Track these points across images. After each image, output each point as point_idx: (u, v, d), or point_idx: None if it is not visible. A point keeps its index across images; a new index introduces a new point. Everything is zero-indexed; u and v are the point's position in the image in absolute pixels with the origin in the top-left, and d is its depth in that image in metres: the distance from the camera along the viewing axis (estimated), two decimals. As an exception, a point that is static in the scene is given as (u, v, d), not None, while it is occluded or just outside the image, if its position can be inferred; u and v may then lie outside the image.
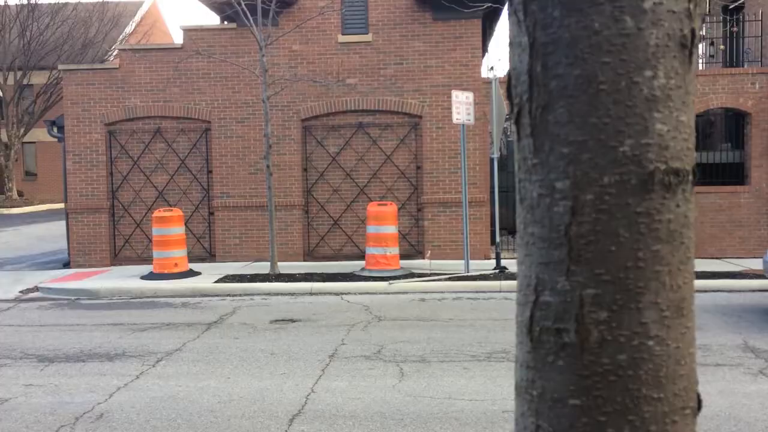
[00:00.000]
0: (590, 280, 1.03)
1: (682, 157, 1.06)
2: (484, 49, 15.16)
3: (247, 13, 10.55)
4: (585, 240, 1.04)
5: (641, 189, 1.03)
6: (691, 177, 1.07)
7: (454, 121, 10.53)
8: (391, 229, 10.70)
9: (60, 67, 12.99)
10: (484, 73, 12.84)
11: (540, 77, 1.06)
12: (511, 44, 1.12)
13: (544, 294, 1.07)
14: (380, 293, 9.69)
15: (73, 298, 10.04)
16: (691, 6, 1.05)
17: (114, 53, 28.30)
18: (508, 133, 14.34)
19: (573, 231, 1.04)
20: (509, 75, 1.13)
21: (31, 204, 29.59)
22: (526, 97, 1.09)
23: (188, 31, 12.43)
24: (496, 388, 5.41)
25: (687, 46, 1.05)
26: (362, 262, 11.19)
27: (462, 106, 10.51)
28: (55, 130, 12.99)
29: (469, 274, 10.41)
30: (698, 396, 1.10)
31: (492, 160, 11.16)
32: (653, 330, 1.04)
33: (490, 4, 11.36)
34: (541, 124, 1.07)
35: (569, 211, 1.05)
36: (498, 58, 53.16)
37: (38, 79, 28.48)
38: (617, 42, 1.02)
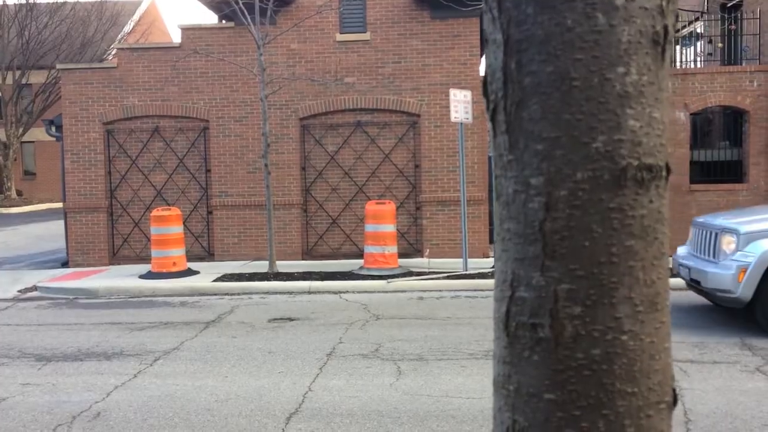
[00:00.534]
0: (564, 275, 1.04)
1: (655, 153, 1.06)
2: (482, 48, 15.16)
3: (245, 11, 10.55)
4: (559, 236, 1.04)
5: (614, 185, 1.04)
6: (664, 173, 1.07)
7: (453, 119, 10.54)
8: (390, 228, 10.71)
9: (58, 66, 12.99)
10: (482, 71, 12.82)
11: (514, 74, 1.07)
12: (486, 41, 1.12)
13: (520, 289, 1.08)
14: (378, 292, 9.69)
15: (71, 297, 10.04)
16: (664, 3, 1.05)
17: (112, 52, 28.30)
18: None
19: (547, 227, 1.05)
20: (485, 72, 1.14)
21: (30, 203, 29.59)
22: (501, 94, 1.09)
23: (186, 30, 12.43)
24: (493, 386, 5.41)
25: (660, 42, 1.05)
26: (361, 261, 11.19)
27: (460, 104, 10.51)
28: (54, 129, 12.99)
29: (467, 272, 10.42)
30: (674, 391, 1.11)
31: (490, 158, 11.15)
32: (627, 325, 1.04)
33: (487, 3, 11.34)
34: (516, 121, 1.07)
35: (543, 207, 1.05)
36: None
37: (37, 78, 28.47)
38: (590, 39, 1.03)
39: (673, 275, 7.93)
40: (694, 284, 7.46)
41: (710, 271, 7.10)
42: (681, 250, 8.13)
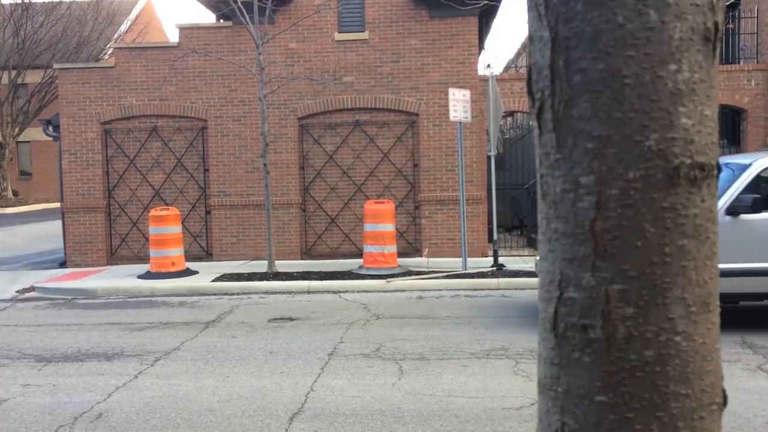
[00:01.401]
0: (616, 275, 1.03)
1: (707, 151, 1.05)
2: (481, 47, 15.15)
3: (243, 11, 10.52)
4: (610, 235, 1.03)
5: (667, 184, 1.03)
6: (715, 171, 1.06)
7: (451, 118, 10.53)
8: (389, 227, 10.70)
9: (55, 65, 12.94)
10: (481, 70, 12.83)
11: (562, 72, 1.06)
12: (531, 39, 1.11)
13: (569, 290, 1.06)
14: (378, 291, 9.68)
15: (69, 297, 10.00)
16: None
17: (109, 52, 28.20)
18: (505, 131, 14.35)
19: (598, 226, 1.03)
20: (529, 70, 1.12)
21: (26, 203, 29.48)
22: (548, 92, 1.08)
23: (184, 30, 12.40)
24: (495, 385, 5.41)
25: (711, 39, 1.04)
26: (360, 260, 11.18)
27: (459, 103, 10.51)
28: (51, 129, 12.94)
29: (466, 271, 10.41)
30: (723, 392, 1.10)
31: (489, 157, 11.16)
32: (680, 326, 1.03)
33: (486, 2, 11.35)
34: (564, 119, 1.06)
35: (594, 206, 1.04)
36: (495, 55, 53.08)
37: (33, 78, 28.36)
38: (641, 36, 1.02)
39: None
40: None
41: None
42: None
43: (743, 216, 6.85)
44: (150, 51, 12.57)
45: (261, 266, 11.26)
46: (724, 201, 6.87)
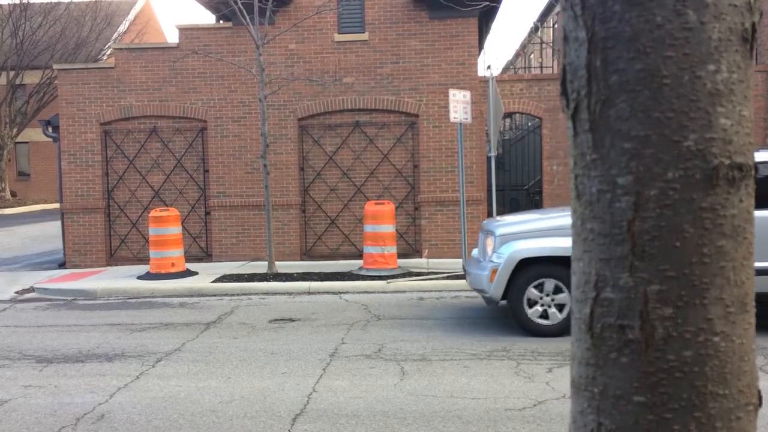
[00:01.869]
0: (655, 276, 1.03)
1: (745, 152, 1.05)
2: (481, 48, 15.17)
3: (244, 11, 10.52)
4: (649, 236, 1.03)
5: (706, 184, 1.03)
6: (753, 172, 1.06)
7: (452, 119, 10.53)
8: (389, 228, 10.70)
9: (55, 66, 12.92)
10: (481, 71, 12.85)
11: (600, 72, 1.06)
12: (566, 39, 1.11)
13: (606, 290, 1.06)
14: (378, 292, 9.68)
15: (69, 298, 9.99)
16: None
17: (107, 52, 28.19)
18: (504, 132, 14.36)
19: (636, 227, 1.04)
20: (564, 70, 1.12)
21: (24, 204, 29.44)
22: (584, 92, 1.08)
23: (184, 30, 12.39)
24: (498, 386, 5.41)
25: (748, 39, 1.05)
26: (359, 261, 11.17)
27: (459, 104, 10.51)
28: (50, 129, 12.92)
29: (466, 272, 10.41)
30: (759, 392, 1.10)
31: (489, 158, 11.16)
32: (718, 326, 1.03)
33: (487, 3, 11.36)
34: (601, 119, 1.06)
35: (632, 206, 1.04)
36: (495, 56, 53.14)
37: (31, 78, 28.34)
38: (680, 36, 1.02)
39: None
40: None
41: (473, 272, 7.46)
42: (473, 253, 8.33)
43: None
44: (150, 52, 12.56)
45: (261, 267, 11.25)
46: None
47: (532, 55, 27.79)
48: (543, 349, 6.47)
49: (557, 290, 7.02)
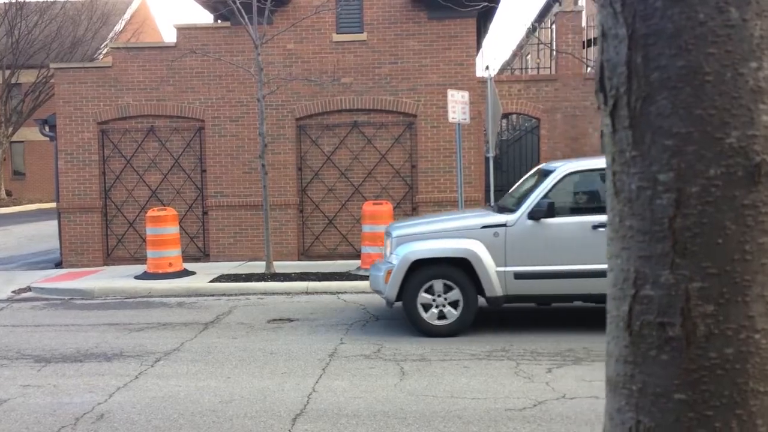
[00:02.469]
0: (696, 273, 1.03)
1: None
2: (479, 48, 15.18)
3: (242, 11, 10.50)
4: (690, 233, 1.03)
5: (748, 181, 1.03)
6: None
7: (450, 120, 10.54)
8: (387, 228, 10.69)
9: (52, 65, 12.88)
10: (479, 72, 12.86)
11: (640, 68, 1.06)
12: (603, 36, 1.11)
13: (645, 288, 1.06)
14: (376, 292, 9.66)
15: (66, 297, 9.96)
16: None
17: (104, 51, 28.12)
18: (501, 132, 14.37)
19: (678, 224, 1.04)
20: (601, 67, 1.12)
21: (20, 204, 29.35)
22: (623, 89, 1.08)
23: (182, 30, 12.37)
24: (497, 386, 5.42)
25: None
26: (357, 261, 11.17)
27: (458, 105, 10.52)
28: (47, 129, 12.88)
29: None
30: None
31: (487, 159, 11.17)
32: (760, 323, 1.03)
33: (485, 4, 11.37)
34: (642, 116, 1.06)
35: (673, 203, 1.04)
36: (493, 57, 53.14)
37: (27, 77, 28.24)
38: (722, 33, 1.02)
39: None
40: None
41: (372, 273, 7.54)
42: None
43: (544, 220, 7.01)
44: (147, 51, 12.53)
45: (259, 267, 11.24)
46: (527, 206, 7.07)
47: (528, 56, 27.82)
48: (542, 349, 6.48)
49: (448, 291, 7.08)
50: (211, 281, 10.22)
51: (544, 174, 7.42)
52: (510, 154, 13.92)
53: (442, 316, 7.07)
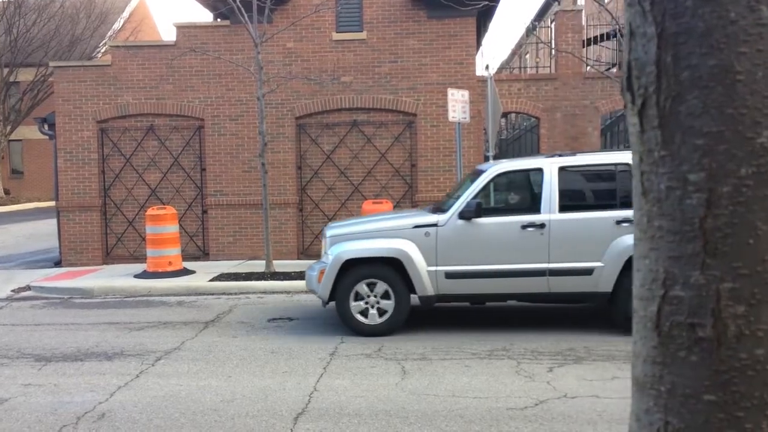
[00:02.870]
0: (727, 273, 1.02)
1: None
2: (478, 47, 15.18)
3: (242, 9, 10.49)
4: (721, 233, 1.03)
5: None
6: None
7: (450, 119, 10.54)
8: (387, 227, 10.67)
9: (51, 63, 12.85)
10: (479, 71, 12.86)
11: (670, 67, 1.05)
12: (632, 34, 1.10)
13: (675, 288, 1.06)
14: (376, 291, 9.66)
15: (66, 296, 9.95)
16: None
17: (102, 50, 28.07)
18: (500, 131, 14.37)
19: (708, 224, 1.03)
20: (629, 65, 1.11)
21: (18, 202, 29.30)
22: (652, 88, 1.07)
23: (181, 28, 12.35)
24: (498, 385, 5.42)
25: None
26: (357, 261, 11.14)
27: (458, 104, 10.52)
28: (46, 127, 12.86)
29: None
30: None
31: (487, 158, 11.17)
32: None
33: (485, 2, 11.37)
34: (671, 115, 1.06)
35: (704, 203, 1.04)
36: (492, 56, 53.14)
37: (25, 76, 28.18)
38: (754, 32, 1.02)
39: None
40: None
41: (307, 273, 7.59)
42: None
43: (475, 220, 7.04)
44: (147, 49, 12.51)
45: (258, 266, 11.23)
46: (457, 206, 7.09)
47: (527, 55, 27.81)
48: (543, 348, 6.48)
49: (381, 290, 7.10)
50: (211, 280, 10.21)
51: (477, 174, 7.46)
52: (510, 153, 13.93)
53: (374, 315, 7.10)
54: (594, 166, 7.29)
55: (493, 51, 54.11)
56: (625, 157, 7.16)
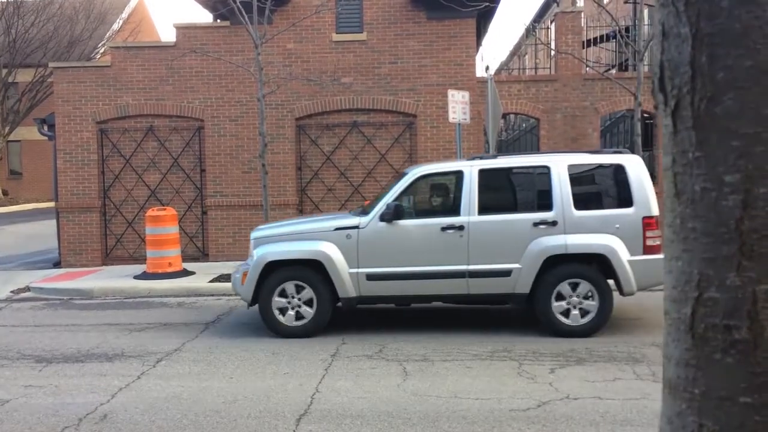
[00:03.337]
0: (763, 275, 1.02)
1: None
2: (478, 48, 15.19)
3: (242, 10, 10.48)
4: (758, 234, 1.02)
5: None
6: None
7: (450, 120, 10.54)
8: (387, 228, 10.67)
9: (51, 64, 12.84)
10: (479, 72, 12.87)
11: (705, 68, 1.05)
12: (665, 35, 1.10)
13: (710, 290, 1.05)
14: (377, 292, 9.65)
15: (65, 297, 9.93)
16: None
17: (101, 50, 28.04)
18: (500, 132, 14.38)
19: (745, 225, 1.03)
20: (661, 66, 1.11)
21: (16, 203, 29.26)
22: (687, 88, 1.07)
23: (181, 29, 12.34)
24: (500, 386, 5.41)
25: None
26: (357, 262, 11.13)
27: (458, 105, 10.52)
28: (46, 128, 12.84)
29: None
30: None
31: (487, 159, 11.16)
32: None
33: (485, 4, 11.37)
34: (706, 116, 1.05)
35: (740, 204, 1.03)
36: (492, 57, 53.20)
37: (23, 76, 28.13)
38: None
39: None
40: None
41: (233, 275, 7.62)
42: None
43: (396, 222, 7.08)
44: (147, 50, 12.50)
45: (258, 267, 11.20)
46: (378, 208, 7.16)
47: (526, 56, 27.84)
48: (544, 349, 6.48)
49: (303, 292, 7.13)
50: (211, 281, 10.20)
51: (400, 177, 7.51)
52: (508, 153, 13.91)
53: (296, 317, 7.13)
54: (514, 169, 7.38)
55: (493, 52, 54.18)
56: (543, 159, 7.23)
